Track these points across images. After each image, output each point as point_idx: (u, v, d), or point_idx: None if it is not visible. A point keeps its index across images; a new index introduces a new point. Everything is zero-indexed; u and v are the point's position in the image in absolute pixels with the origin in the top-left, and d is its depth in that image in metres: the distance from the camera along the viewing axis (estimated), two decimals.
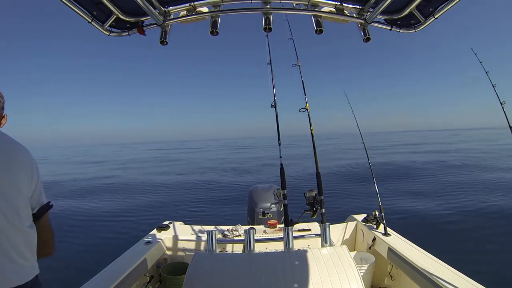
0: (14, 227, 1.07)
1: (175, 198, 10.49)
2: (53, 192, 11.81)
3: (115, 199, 10.57)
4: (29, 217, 1.14)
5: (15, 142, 1.17)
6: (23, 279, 1.09)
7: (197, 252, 2.15)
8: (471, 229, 5.97)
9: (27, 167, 1.14)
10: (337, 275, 1.78)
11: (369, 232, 3.00)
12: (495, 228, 5.97)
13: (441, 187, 10.27)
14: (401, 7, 1.64)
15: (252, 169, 18.84)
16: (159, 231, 3.23)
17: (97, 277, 2.15)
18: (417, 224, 6.50)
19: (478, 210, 7.21)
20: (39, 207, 1.18)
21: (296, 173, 13.56)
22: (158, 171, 19.26)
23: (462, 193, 9.04)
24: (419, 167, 15.12)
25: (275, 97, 2.62)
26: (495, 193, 8.74)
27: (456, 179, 11.40)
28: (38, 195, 1.18)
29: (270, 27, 1.71)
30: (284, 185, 2.37)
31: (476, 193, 8.89)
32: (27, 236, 1.12)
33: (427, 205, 7.90)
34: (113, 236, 6.40)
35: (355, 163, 16.97)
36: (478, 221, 6.51)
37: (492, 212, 7.04)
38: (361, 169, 13.81)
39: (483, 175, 12.03)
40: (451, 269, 2.12)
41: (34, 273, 1.15)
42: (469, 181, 10.87)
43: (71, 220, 7.67)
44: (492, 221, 6.42)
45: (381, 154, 22.85)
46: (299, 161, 18.82)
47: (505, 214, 6.77)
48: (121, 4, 1.60)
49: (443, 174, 12.80)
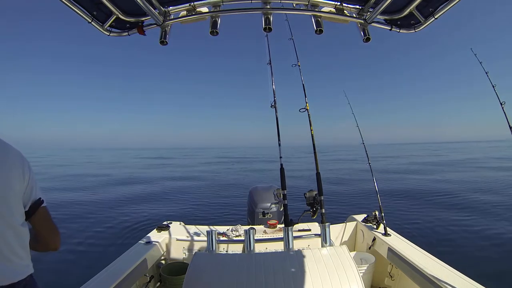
0: (7, 224, 1.08)
1: (175, 198, 10.49)
2: (53, 192, 11.82)
3: (115, 199, 10.56)
4: (21, 215, 1.15)
5: (5, 143, 1.18)
6: (16, 277, 1.10)
7: (197, 252, 2.15)
8: (471, 229, 5.97)
9: (18, 166, 1.16)
10: (337, 275, 1.78)
11: (369, 232, 2.99)
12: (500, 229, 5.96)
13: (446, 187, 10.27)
14: (401, 7, 1.64)
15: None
16: (159, 231, 3.23)
17: (97, 277, 2.15)
18: (417, 224, 6.50)
19: (478, 209, 7.21)
20: (31, 204, 1.20)
21: (296, 173, 13.55)
22: (158, 171, 19.26)
23: (462, 192, 9.04)
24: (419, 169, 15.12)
25: (275, 97, 2.63)
26: (496, 192, 8.73)
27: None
28: (30, 192, 1.19)
29: (270, 27, 1.71)
30: (284, 185, 2.37)
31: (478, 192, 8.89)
32: (20, 234, 1.13)
33: (427, 205, 7.90)
34: (113, 236, 6.39)
35: (355, 163, 16.97)
36: (479, 221, 6.51)
37: (492, 211, 7.04)
38: (361, 169, 13.81)
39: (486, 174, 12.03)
40: (451, 269, 2.12)
41: (28, 272, 1.16)
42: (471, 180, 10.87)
43: (71, 220, 7.67)
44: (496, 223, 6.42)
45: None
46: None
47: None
48: (121, 4, 1.60)
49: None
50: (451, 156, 27.65)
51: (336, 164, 18.16)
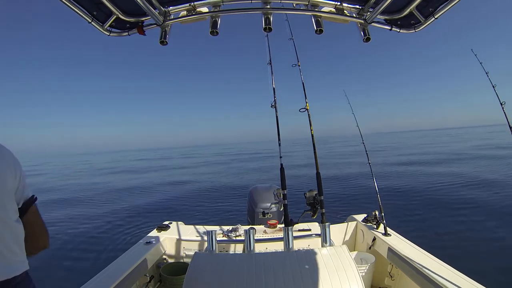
0: (2, 221, 1.09)
1: (175, 198, 10.50)
2: (53, 192, 11.81)
3: (115, 199, 10.57)
4: (15, 211, 1.17)
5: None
6: (11, 273, 1.10)
7: (197, 252, 2.15)
8: (471, 229, 5.97)
9: (10, 164, 1.19)
10: (337, 275, 1.78)
11: (369, 232, 3.00)
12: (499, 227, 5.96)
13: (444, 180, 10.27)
14: (401, 7, 1.64)
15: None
16: (159, 231, 3.23)
17: (97, 277, 2.15)
18: (417, 224, 6.50)
19: (478, 208, 7.21)
20: (23, 201, 1.22)
21: (296, 173, 13.56)
22: (158, 171, 19.27)
23: (462, 189, 9.04)
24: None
25: (275, 97, 2.63)
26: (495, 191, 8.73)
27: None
28: (22, 190, 1.22)
29: (270, 27, 1.71)
30: (284, 185, 2.37)
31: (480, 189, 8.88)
32: (14, 230, 1.15)
33: (427, 203, 7.90)
34: (113, 236, 6.40)
35: (355, 163, 16.98)
36: (479, 220, 6.51)
37: (493, 211, 7.04)
38: (361, 169, 13.82)
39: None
40: (451, 269, 2.12)
41: (23, 268, 1.17)
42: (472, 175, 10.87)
43: (71, 220, 7.68)
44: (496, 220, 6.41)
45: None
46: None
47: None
48: (121, 4, 1.61)
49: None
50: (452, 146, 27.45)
51: (335, 161, 18.16)
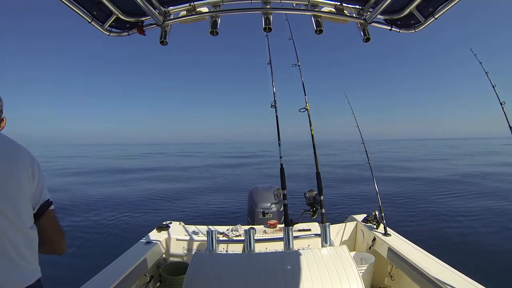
0: (15, 228, 1.06)
1: (175, 198, 10.49)
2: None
3: (115, 199, 10.56)
4: (30, 218, 1.13)
5: (16, 143, 1.16)
6: (24, 283, 1.07)
7: (197, 252, 2.15)
8: (472, 229, 5.98)
9: (28, 167, 1.14)
10: (337, 275, 1.78)
11: (369, 232, 2.99)
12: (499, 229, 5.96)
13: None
14: (401, 7, 1.64)
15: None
16: (159, 231, 3.23)
17: (97, 277, 2.15)
18: (417, 224, 6.50)
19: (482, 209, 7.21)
20: (39, 205, 1.18)
21: (296, 173, 13.56)
22: (158, 171, 19.27)
23: (463, 190, 9.04)
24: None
25: (275, 97, 2.63)
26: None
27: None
28: (39, 194, 1.18)
29: (270, 27, 1.71)
30: (284, 185, 2.37)
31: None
32: (28, 238, 1.11)
33: (427, 203, 7.90)
34: (113, 236, 6.39)
35: (355, 163, 16.97)
36: (480, 220, 6.51)
37: (493, 210, 7.04)
38: (361, 169, 13.82)
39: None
40: (451, 269, 2.12)
41: (36, 276, 1.13)
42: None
43: (70, 220, 7.67)
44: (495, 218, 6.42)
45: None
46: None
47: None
48: (121, 4, 1.61)
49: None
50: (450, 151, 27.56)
51: (334, 162, 18.18)
